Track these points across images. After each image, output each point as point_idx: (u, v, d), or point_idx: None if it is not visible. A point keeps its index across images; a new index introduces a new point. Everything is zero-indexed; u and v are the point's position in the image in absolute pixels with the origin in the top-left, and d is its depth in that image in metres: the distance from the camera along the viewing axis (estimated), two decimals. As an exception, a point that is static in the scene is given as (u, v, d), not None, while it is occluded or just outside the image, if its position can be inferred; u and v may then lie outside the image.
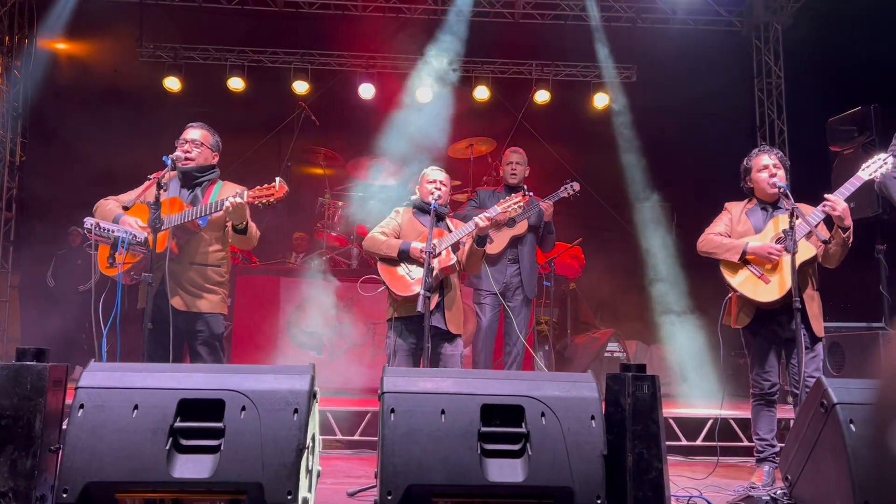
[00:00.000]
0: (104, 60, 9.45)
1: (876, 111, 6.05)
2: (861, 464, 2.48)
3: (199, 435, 2.37)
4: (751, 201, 4.03)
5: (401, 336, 4.09)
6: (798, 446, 2.85)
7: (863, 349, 5.08)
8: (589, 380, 2.66)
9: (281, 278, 6.65)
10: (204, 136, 3.89)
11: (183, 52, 9.29)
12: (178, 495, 2.32)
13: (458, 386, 2.56)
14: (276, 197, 3.55)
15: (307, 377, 2.51)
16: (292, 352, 6.43)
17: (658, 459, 2.52)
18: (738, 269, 3.82)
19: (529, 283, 5.46)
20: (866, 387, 2.68)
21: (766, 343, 3.86)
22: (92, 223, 3.48)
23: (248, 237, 3.76)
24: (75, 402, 2.36)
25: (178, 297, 3.67)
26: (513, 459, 2.46)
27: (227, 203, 3.53)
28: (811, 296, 3.79)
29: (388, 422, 2.44)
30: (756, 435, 3.92)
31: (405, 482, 2.36)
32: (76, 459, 2.28)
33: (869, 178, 3.68)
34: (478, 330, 5.43)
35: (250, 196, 3.56)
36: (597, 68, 9.55)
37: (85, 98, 9.02)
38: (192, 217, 3.60)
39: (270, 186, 3.57)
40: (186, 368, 2.66)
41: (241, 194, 3.56)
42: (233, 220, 3.66)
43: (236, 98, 9.31)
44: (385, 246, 4.16)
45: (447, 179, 4.36)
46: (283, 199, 3.58)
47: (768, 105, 9.07)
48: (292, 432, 2.37)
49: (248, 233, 3.74)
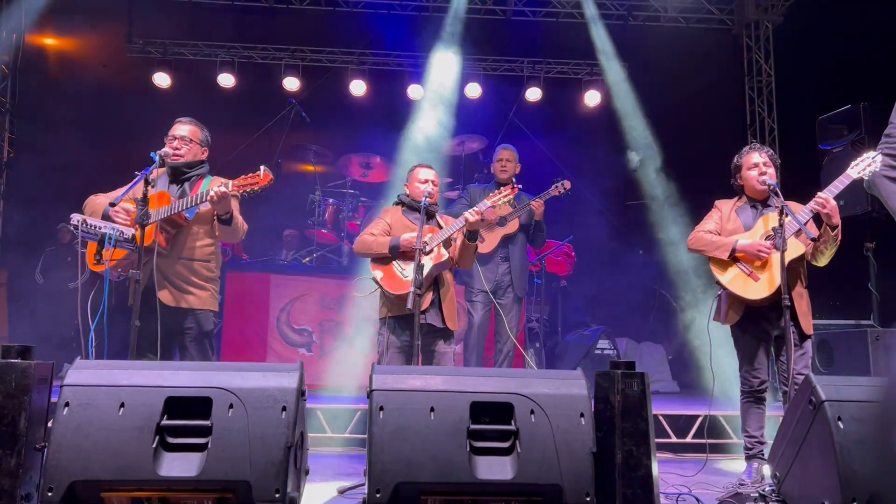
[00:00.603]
0: (93, 56, 9.38)
1: (865, 109, 6.07)
2: (849, 460, 2.49)
3: (186, 433, 2.36)
4: (741, 199, 4.04)
5: (394, 333, 4.08)
6: (786, 443, 2.86)
7: (851, 346, 5.11)
8: (578, 377, 2.66)
9: (271, 275, 6.61)
10: (192, 132, 3.86)
11: (173, 47, 9.23)
12: (164, 494, 2.31)
13: (448, 383, 2.55)
14: (260, 185, 3.53)
15: (295, 375, 2.50)
16: (282, 349, 6.41)
17: (647, 457, 2.52)
18: (728, 267, 3.83)
19: (520, 281, 5.47)
20: (859, 384, 2.70)
21: (756, 340, 3.87)
22: (79, 219, 3.45)
23: (233, 228, 3.73)
24: (60, 400, 2.34)
25: (166, 292, 3.64)
26: (502, 457, 2.46)
27: (211, 192, 3.50)
28: (800, 293, 3.80)
29: (376, 419, 2.44)
30: (745, 432, 3.93)
31: (394, 480, 2.36)
32: (61, 458, 2.26)
33: (858, 176, 3.68)
34: (469, 327, 5.44)
35: (235, 185, 3.53)
36: (588, 66, 9.56)
37: (74, 93, 8.96)
38: (178, 209, 3.57)
39: (255, 175, 3.54)
40: (173, 366, 2.65)
41: (227, 184, 3.53)
42: (217, 209, 3.63)
43: (226, 94, 9.26)
44: (376, 245, 4.14)
45: (436, 177, 4.35)
46: (267, 188, 3.55)
47: (759, 103, 9.09)
48: (280, 430, 2.36)
49: (234, 224, 3.71)
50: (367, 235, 4.22)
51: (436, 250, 4.02)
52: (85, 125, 8.71)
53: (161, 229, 3.59)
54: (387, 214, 4.36)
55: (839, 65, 7.15)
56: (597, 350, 7.14)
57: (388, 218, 4.32)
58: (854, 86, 6.84)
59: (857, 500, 2.45)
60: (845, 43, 7.40)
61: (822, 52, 7.55)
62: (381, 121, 8.87)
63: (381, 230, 4.25)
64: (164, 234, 3.62)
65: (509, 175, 5.48)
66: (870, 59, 6.85)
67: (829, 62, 7.23)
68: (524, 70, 9.64)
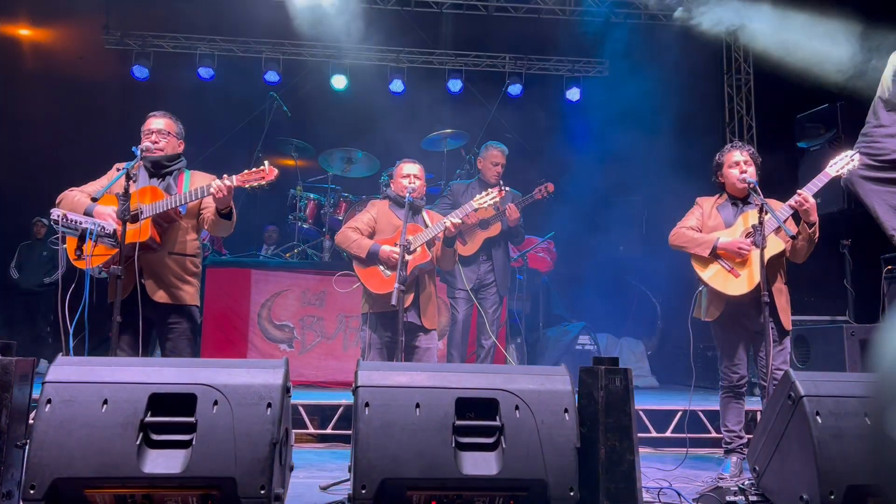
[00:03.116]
0: (68, 47, 9.25)
1: (842, 108, 6.17)
2: (827, 454, 2.54)
3: (170, 430, 2.34)
4: (721, 196, 4.09)
5: (375, 331, 4.10)
6: (766, 438, 2.91)
7: (827, 342, 5.18)
8: (562, 373, 2.68)
9: (251, 270, 6.56)
10: (168, 125, 3.81)
11: (151, 39, 9.12)
12: (149, 491, 2.29)
13: (433, 380, 2.56)
14: (266, 180, 3.51)
15: (280, 371, 2.49)
16: (263, 345, 6.37)
17: (630, 452, 2.56)
18: (709, 263, 3.87)
19: (502, 281, 5.49)
20: (837, 380, 2.75)
21: (736, 336, 3.92)
22: (59, 214, 3.40)
23: (231, 223, 3.71)
24: (42, 397, 2.31)
25: (155, 287, 3.59)
26: (487, 452, 2.47)
27: (215, 186, 3.45)
28: (780, 289, 3.86)
29: (362, 416, 2.44)
30: (724, 427, 3.99)
31: (380, 476, 2.36)
32: (43, 455, 2.24)
33: (836, 174, 3.75)
34: (453, 324, 5.45)
35: (239, 179, 3.50)
36: (569, 62, 9.60)
37: (48, 86, 8.82)
38: (177, 203, 3.52)
39: (260, 170, 3.51)
40: (157, 362, 2.63)
41: (231, 178, 3.50)
42: (219, 205, 3.59)
43: (206, 88, 9.17)
44: (355, 246, 4.14)
45: (421, 172, 4.35)
46: (272, 182, 3.54)
47: (737, 101, 9.19)
48: (265, 426, 2.35)
49: (233, 217, 3.69)
50: (351, 231, 4.22)
51: (419, 250, 4.03)
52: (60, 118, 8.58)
53: (156, 224, 3.55)
54: (373, 208, 4.36)
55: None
56: (577, 346, 7.20)
57: (374, 212, 4.32)
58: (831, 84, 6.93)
59: (835, 493, 2.50)
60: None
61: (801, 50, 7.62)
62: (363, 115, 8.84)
63: (365, 223, 4.25)
64: (157, 229, 3.57)
65: (499, 177, 5.44)
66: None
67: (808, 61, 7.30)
68: (506, 66, 9.66)
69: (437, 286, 4.35)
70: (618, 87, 9.13)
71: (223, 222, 3.66)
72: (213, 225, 3.68)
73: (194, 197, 3.53)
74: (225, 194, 3.47)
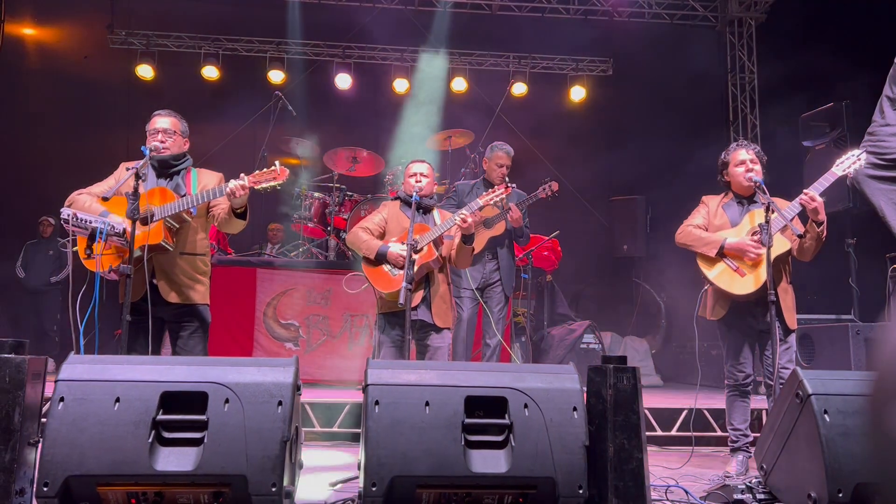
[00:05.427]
0: (73, 47, 9.27)
1: (847, 108, 6.16)
2: (835, 453, 2.55)
3: (182, 427, 2.36)
4: (727, 195, 4.08)
5: (384, 330, 4.12)
6: (773, 436, 2.91)
7: (833, 341, 5.19)
8: (571, 371, 2.69)
9: (257, 269, 6.57)
10: (174, 124, 3.82)
11: (156, 39, 9.15)
12: (161, 488, 2.30)
13: (442, 378, 2.57)
14: (279, 180, 3.52)
15: (291, 370, 2.51)
16: (268, 344, 6.39)
17: (639, 450, 2.56)
18: (715, 262, 3.87)
19: (508, 280, 5.50)
20: (845, 378, 2.75)
21: (741, 335, 3.92)
22: (69, 213, 3.41)
23: (245, 222, 3.72)
24: (55, 395, 2.33)
25: (170, 290, 3.61)
26: (496, 450, 2.48)
27: (233, 185, 3.46)
28: (785, 289, 3.85)
29: (372, 414, 2.45)
30: (730, 425, 3.99)
31: (390, 474, 2.37)
32: (56, 453, 2.25)
33: (843, 173, 3.74)
34: (458, 322, 5.46)
35: (252, 180, 3.51)
36: (573, 61, 9.60)
37: (53, 85, 8.85)
38: (190, 205, 3.54)
39: (272, 171, 3.52)
40: (169, 361, 2.64)
41: (242, 178, 3.52)
42: (235, 204, 3.60)
43: (211, 87, 9.19)
44: (365, 246, 4.17)
45: (429, 170, 4.35)
46: (284, 183, 3.56)
47: (741, 100, 9.19)
48: (276, 424, 2.36)
49: (247, 217, 3.71)
50: (362, 231, 4.24)
51: (426, 249, 4.04)
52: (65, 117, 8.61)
53: (167, 225, 3.56)
54: (384, 208, 4.39)
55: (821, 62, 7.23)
56: (582, 344, 7.20)
57: (385, 212, 4.35)
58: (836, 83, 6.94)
59: (843, 491, 2.51)
60: (827, 40, 7.49)
61: (805, 49, 7.63)
62: (368, 114, 8.86)
63: (376, 224, 4.28)
64: (169, 230, 3.59)
65: (503, 178, 5.45)
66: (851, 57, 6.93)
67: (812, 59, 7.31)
68: (510, 65, 9.67)
69: (450, 285, 4.35)
70: (620, 85, 9.14)
71: (237, 221, 3.67)
72: (226, 223, 3.69)
73: (207, 198, 3.55)
74: (243, 194, 3.49)
